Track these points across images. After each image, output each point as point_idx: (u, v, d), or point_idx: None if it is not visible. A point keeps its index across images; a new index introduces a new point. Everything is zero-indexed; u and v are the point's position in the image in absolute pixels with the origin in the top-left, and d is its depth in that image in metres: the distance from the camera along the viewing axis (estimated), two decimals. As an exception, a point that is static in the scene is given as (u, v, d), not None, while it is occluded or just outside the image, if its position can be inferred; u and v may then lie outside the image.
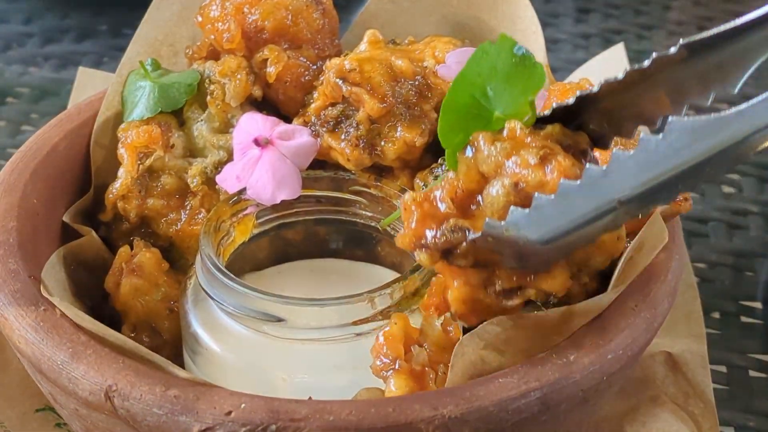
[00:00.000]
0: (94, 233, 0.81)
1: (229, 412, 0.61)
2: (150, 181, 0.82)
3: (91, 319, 0.67)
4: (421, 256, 0.63)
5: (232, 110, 0.83)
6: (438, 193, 0.63)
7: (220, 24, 0.84)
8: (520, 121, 0.64)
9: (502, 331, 0.64)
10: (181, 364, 0.75)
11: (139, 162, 0.81)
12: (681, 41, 0.59)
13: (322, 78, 0.81)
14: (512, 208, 0.61)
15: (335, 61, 0.80)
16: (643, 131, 0.61)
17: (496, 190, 0.62)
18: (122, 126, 0.83)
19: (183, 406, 0.61)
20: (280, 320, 0.70)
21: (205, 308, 0.73)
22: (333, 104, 0.80)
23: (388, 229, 0.78)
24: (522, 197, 0.62)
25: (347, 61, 0.79)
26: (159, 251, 0.80)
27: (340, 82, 0.78)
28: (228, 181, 0.79)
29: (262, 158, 0.77)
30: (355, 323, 0.70)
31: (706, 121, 0.57)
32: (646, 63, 0.61)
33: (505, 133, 0.64)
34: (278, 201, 0.77)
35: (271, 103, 0.85)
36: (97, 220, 0.83)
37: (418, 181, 0.77)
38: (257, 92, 0.84)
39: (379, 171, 0.80)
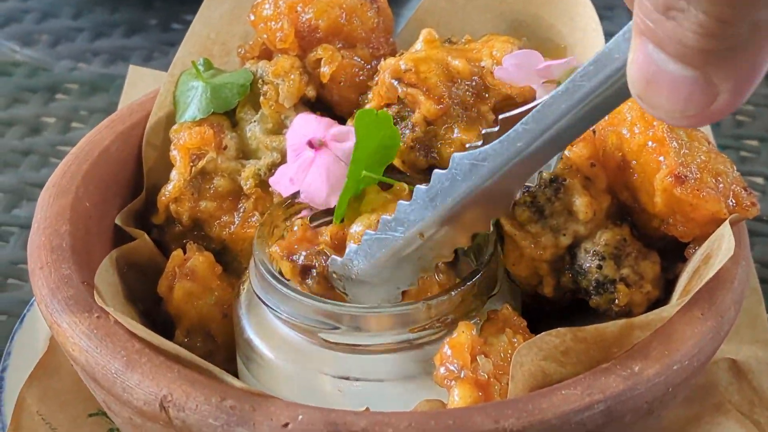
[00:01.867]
0: (146, 236, 0.81)
1: (286, 424, 0.60)
2: (203, 183, 0.81)
3: (145, 328, 0.66)
4: (284, 265, 0.71)
5: (286, 111, 0.82)
6: (325, 230, 0.73)
7: (273, 23, 0.83)
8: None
9: (561, 342, 0.64)
10: (235, 369, 0.74)
11: (191, 164, 0.80)
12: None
13: (376, 78, 0.80)
14: (349, 243, 0.71)
15: (390, 61, 0.78)
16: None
17: (356, 229, 0.71)
18: (174, 127, 0.82)
19: (239, 418, 0.61)
20: (335, 328, 0.69)
21: (258, 314, 0.73)
22: (388, 105, 0.79)
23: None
24: None
25: (403, 61, 0.77)
26: (212, 254, 0.79)
27: (396, 82, 0.77)
28: (281, 183, 0.78)
29: (315, 160, 0.76)
30: (411, 330, 0.69)
31: (476, 154, 0.64)
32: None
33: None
34: (332, 205, 0.76)
35: (325, 103, 0.84)
36: (150, 222, 0.82)
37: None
38: (311, 93, 0.83)
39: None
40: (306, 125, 0.78)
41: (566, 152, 0.72)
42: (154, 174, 0.84)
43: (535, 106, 0.62)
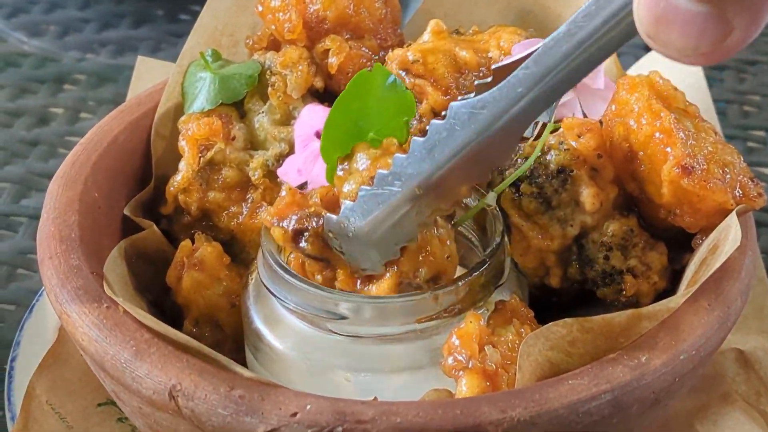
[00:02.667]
0: (155, 226, 0.81)
1: (295, 413, 0.60)
2: (211, 173, 0.81)
3: (154, 318, 0.66)
4: (275, 231, 0.69)
5: (294, 102, 0.82)
6: (314, 192, 0.71)
7: (281, 14, 0.83)
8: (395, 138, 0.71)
9: (568, 332, 0.64)
10: (243, 359, 0.75)
11: (200, 154, 0.80)
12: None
13: (384, 69, 0.80)
14: (343, 201, 0.68)
15: (398, 51, 0.78)
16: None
17: (348, 187, 0.69)
18: (183, 118, 0.82)
19: (248, 407, 0.61)
20: (343, 318, 0.69)
21: (266, 304, 0.73)
22: (396, 96, 0.79)
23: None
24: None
25: (410, 52, 0.77)
26: (220, 245, 0.79)
27: (403, 73, 0.77)
28: (289, 174, 0.78)
29: (323, 151, 0.76)
30: (419, 321, 0.69)
31: (474, 102, 0.62)
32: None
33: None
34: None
35: (333, 94, 0.84)
36: (158, 213, 0.83)
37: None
38: (319, 83, 0.83)
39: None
40: (314, 116, 0.79)
41: (573, 143, 0.72)
42: (162, 164, 0.84)
43: (531, 53, 0.60)
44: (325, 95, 0.84)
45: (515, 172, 0.72)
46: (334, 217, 0.68)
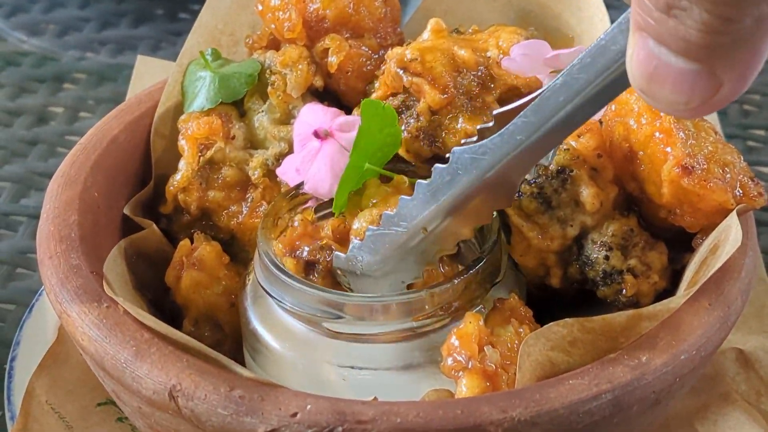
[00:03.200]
0: (154, 226, 0.81)
1: (295, 414, 0.60)
2: (211, 173, 0.81)
3: (154, 318, 0.66)
4: (287, 262, 0.71)
5: (294, 101, 0.82)
6: (326, 224, 0.73)
7: (280, 13, 0.83)
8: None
9: (568, 332, 0.64)
10: (243, 359, 0.75)
11: (199, 154, 0.80)
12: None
13: (383, 68, 0.80)
14: (352, 239, 0.71)
15: (397, 50, 0.78)
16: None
17: (358, 225, 0.71)
18: (182, 117, 0.82)
19: (248, 407, 0.61)
20: (339, 317, 0.69)
21: (264, 305, 0.73)
22: (394, 94, 0.79)
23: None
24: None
25: (408, 50, 0.77)
26: (219, 244, 0.79)
27: (401, 72, 0.77)
28: (288, 173, 0.78)
29: (321, 151, 0.76)
30: (415, 319, 0.69)
31: (476, 148, 0.65)
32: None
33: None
34: (337, 194, 0.76)
35: (333, 93, 0.84)
36: (158, 212, 0.83)
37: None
38: (318, 82, 0.83)
39: (439, 163, 0.79)
40: (313, 115, 0.79)
41: (573, 143, 0.72)
42: (162, 164, 0.84)
43: (530, 100, 0.62)
44: (325, 94, 0.84)
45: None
46: (342, 255, 0.70)
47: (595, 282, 0.73)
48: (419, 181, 0.68)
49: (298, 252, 0.71)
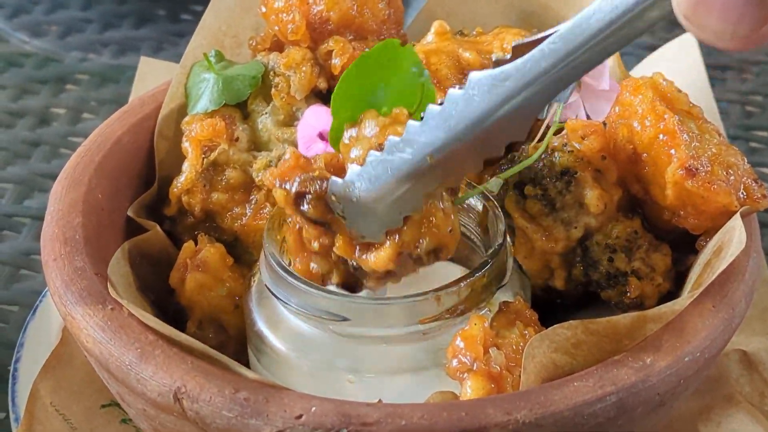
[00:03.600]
0: (158, 228, 0.81)
1: (300, 416, 0.60)
2: (214, 175, 0.81)
3: (158, 320, 0.66)
4: (276, 193, 0.67)
5: (297, 103, 0.82)
6: (318, 157, 0.69)
7: (284, 15, 0.83)
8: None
9: (572, 335, 0.64)
10: (247, 361, 0.75)
11: (203, 155, 0.80)
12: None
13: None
14: (350, 165, 0.66)
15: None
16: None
17: (355, 153, 0.67)
18: (186, 119, 0.82)
19: (253, 409, 0.61)
20: (345, 319, 0.69)
21: (269, 306, 0.73)
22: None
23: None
24: None
25: (414, 53, 0.77)
26: (223, 246, 0.79)
27: (407, 74, 0.77)
28: (293, 175, 0.78)
29: (325, 153, 0.76)
30: (421, 322, 0.69)
31: (496, 73, 0.60)
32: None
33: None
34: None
35: (336, 95, 0.84)
36: (162, 214, 0.83)
37: (487, 177, 0.76)
38: (322, 84, 0.83)
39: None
40: (317, 117, 0.79)
41: (577, 145, 0.72)
42: (166, 166, 0.84)
43: (551, 34, 0.59)
44: (329, 96, 0.83)
45: (519, 164, 0.72)
46: (339, 180, 0.66)
47: (599, 284, 0.73)
48: (430, 105, 0.64)
49: (287, 183, 0.68)
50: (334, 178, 0.67)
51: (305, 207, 0.67)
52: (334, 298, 0.69)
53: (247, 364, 0.72)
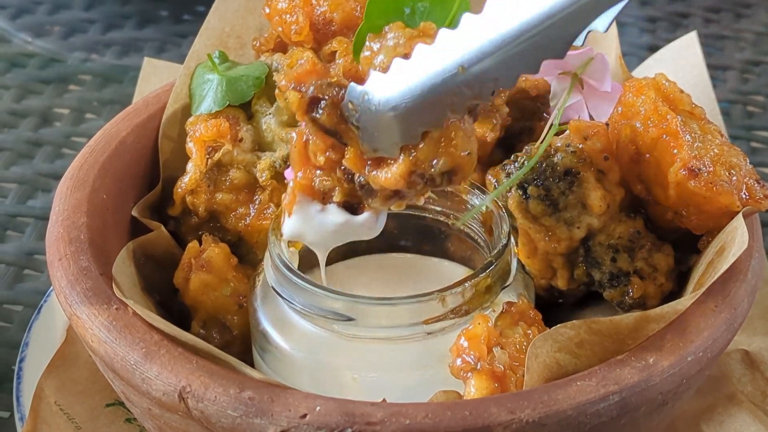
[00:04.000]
0: (163, 228, 0.81)
1: (304, 415, 0.60)
2: (219, 175, 0.81)
3: (163, 320, 0.66)
4: (290, 95, 0.65)
5: (301, 103, 0.82)
6: (336, 64, 0.67)
7: (287, 16, 0.83)
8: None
9: (576, 334, 0.64)
10: (251, 361, 0.75)
11: (207, 156, 0.81)
12: None
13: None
14: (372, 72, 0.63)
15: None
16: None
17: (380, 59, 0.65)
18: (190, 119, 0.82)
19: (258, 409, 0.61)
20: (350, 319, 0.69)
21: (274, 306, 0.73)
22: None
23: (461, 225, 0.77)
24: None
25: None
26: (228, 246, 0.79)
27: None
28: (297, 175, 0.78)
29: (330, 153, 0.76)
30: (426, 322, 0.69)
31: None
32: None
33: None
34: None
35: (340, 96, 0.84)
36: (166, 214, 0.83)
37: (489, 177, 0.76)
38: (326, 85, 0.83)
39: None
40: (321, 118, 0.79)
41: (579, 145, 0.72)
42: (170, 166, 0.84)
43: None
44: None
45: (526, 166, 0.72)
46: (359, 86, 0.64)
47: (602, 284, 0.73)
48: (467, 13, 0.61)
49: (303, 87, 0.65)
50: (353, 84, 0.64)
51: (318, 113, 0.64)
52: (339, 298, 0.69)
53: (251, 364, 0.73)
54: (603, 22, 0.58)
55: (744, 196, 0.70)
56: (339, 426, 0.60)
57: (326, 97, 0.64)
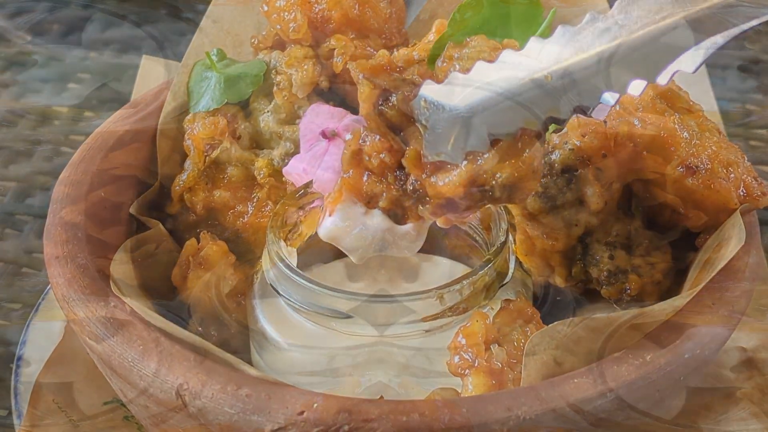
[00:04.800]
0: (161, 225, 0.81)
1: (302, 412, 0.60)
2: (216, 172, 0.81)
3: (160, 317, 0.66)
4: (362, 85, 0.64)
5: (299, 101, 0.82)
6: (411, 70, 0.66)
7: (286, 14, 0.83)
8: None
9: (573, 332, 0.64)
10: (249, 358, 0.75)
11: (205, 153, 0.81)
12: None
13: (389, 68, 0.80)
14: (451, 73, 0.62)
15: (403, 51, 0.78)
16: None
17: (462, 63, 0.64)
18: (188, 117, 0.82)
19: (255, 406, 0.61)
20: (348, 317, 0.69)
21: (272, 303, 0.73)
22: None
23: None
24: None
25: (416, 51, 0.77)
26: (225, 244, 0.79)
27: (409, 72, 0.77)
28: (294, 173, 0.78)
29: (329, 151, 0.77)
30: (424, 319, 0.69)
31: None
32: None
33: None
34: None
35: (338, 93, 0.84)
36: (164, 212, 0.83)
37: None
38: (324, 83, 0.83)
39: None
40: (319, 115, 0.79)
41: (577, 142, 0.72)
42: (168, 164, 0.84)
43: None
44: (330, 94, 0.84)
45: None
46: (436, 84, 0.62)
47: (600, 281, 0.73)
48: (563, 24, 0.60)
49: (378, 79, 0.64)
50: (429, 80, 0.63)
51: (385, 107, 0.63)
52: (338, 296, 0.69)
53: (249, 361, 0.73)
54: (692, 61, 0.56)
55: (741, 193, 0.70)
56: (336, 423, 0.60)
57: (398, 93, 0.63)
